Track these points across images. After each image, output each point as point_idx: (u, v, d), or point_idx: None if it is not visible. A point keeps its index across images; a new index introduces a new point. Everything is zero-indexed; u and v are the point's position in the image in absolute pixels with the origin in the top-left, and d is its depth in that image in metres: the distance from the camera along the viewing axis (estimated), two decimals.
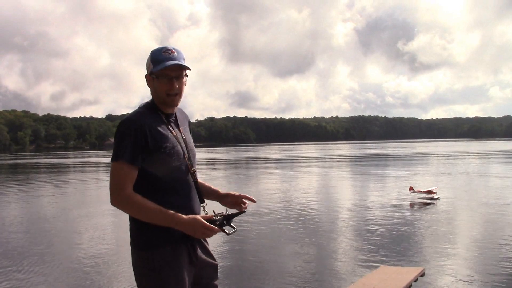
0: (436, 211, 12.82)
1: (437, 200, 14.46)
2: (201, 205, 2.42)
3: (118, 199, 2.22)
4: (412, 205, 13.96)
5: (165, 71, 2.28)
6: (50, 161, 58.20)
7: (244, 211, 2.47)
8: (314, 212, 12.99)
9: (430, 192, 14.95)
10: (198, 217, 2.23)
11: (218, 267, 2.53)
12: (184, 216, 2.21)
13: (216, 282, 2.49)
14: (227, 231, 2.31)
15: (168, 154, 2.27)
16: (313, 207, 13.94)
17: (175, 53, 2.31)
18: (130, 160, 2.21)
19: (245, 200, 2.57)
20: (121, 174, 2.21)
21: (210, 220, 2.26)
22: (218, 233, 2.29)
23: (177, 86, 2.30)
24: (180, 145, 2.35)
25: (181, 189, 2.32)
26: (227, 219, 2.32)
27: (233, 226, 2.35)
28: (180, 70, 2.32)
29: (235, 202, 2.56)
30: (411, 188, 15.43)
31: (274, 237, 10.04)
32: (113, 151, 2.25)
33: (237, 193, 2.57)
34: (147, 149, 2.23)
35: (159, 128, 2.29)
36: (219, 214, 2.33)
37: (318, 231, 10.50)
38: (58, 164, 50.31)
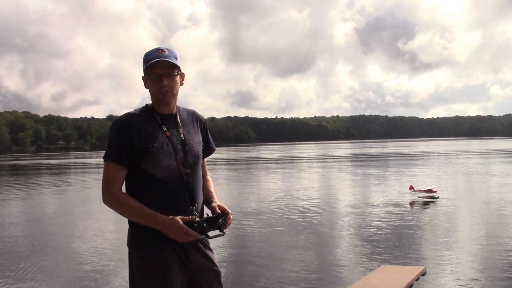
0: (436, 210, 12.82)
1: (437, 199, 14.47)
2: (192, 207, 2.35)
3: (106, 197, 2.29)
4: (412, 204, 13.97)
5: (153, 69, 2.30)
6: (51, 162, 58.26)
7: (226, 214, 2.34)
8: (315, 212, 12.99)
9: (430, 191, 14.95)
10: (177, 218, 2.19)
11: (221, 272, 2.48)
12: (163, 216, 2.20)
13: None
14: (209, 235, 2.27)
15: (156, 153, 2.28)
16: (314, 207, 13.93)
17: (166, 52, 2.33)
18: (116, 160, 2.27)
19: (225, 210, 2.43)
20: (108, 174, 2.29)
21: (190, 222, 2.21)
22: (200, 237, 2.25)
23: (166, 83, 2.31)
24: (173, 146, 2.33)
25: (171, 189, 2.31)
26: (209, 222, 2.27)
27: (222, 230, 2.31)
28: (170, 68, 2.32)
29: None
30: (411, 187, 15.43)
31: (274, 237, 10.04)
32: (105, 152, 2.32)
33: (217, 210, 2.41)
34: (134, 149, 2.27)
35: (148, 128, 2.31)
36: (204, 217, 2.30)
37: (319, 230, 10.50)
38: (59, 165, 50.35)
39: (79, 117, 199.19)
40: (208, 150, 2.61)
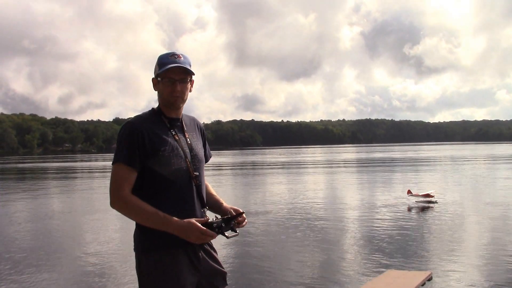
0: (438, 214, 12.74)
1: (435, 204, 14.44)
2: (202, 209, 2.40)
3: (115, 200, 2.26)
4: (410, 209, 13.94)
5: (168, 73, 2.32)
6: (58, 165, 58.52)
7: (243, 212, 2.41)
8: (319, 217, 12.96)
9: (427, 195, 14.91)
10: (193, 220, 2.22)
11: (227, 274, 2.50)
12: (179, 220, 2.21)
13: None
14: (226, 235, 2.29)
15: (167, 157, 2.29)
16: (319, 212, 13.92)
17: (182, 58, 2.36)
18: (127, 163, 2.25)
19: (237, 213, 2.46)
20: (119, 176, 2.26)
21: (207, 223, 2.24)
22: (216, 237, 2.27)
23: (179, 89, 2.33)
24: (182, 149, 2.36)
25: (181, 192, 2.33)
26: (226, 222, 2.29)
27: (235, 230, 2.34)
28: (184, 74, 2.35)
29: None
30: (409, 192, 15.40)
31: (279, 241, 10.03)
32: (114, 154, 2.30)
33: (234, 213, 2.45)
34: (145, 152, 2.27)
35: (159, 132, 2.33)
36: (218, 218, 2.31)
37: (324, 235, 10.47)
38: (65, 168, 50.56)
39: (85, 120, 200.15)
40: (206, 156, 2.63)
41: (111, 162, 2.30)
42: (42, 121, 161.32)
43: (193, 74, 2.40)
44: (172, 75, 2.32)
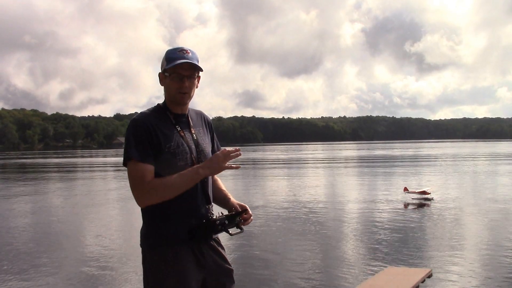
0: (439, 211, 12.76)
1: (431, 201, 14.48)
2: (207, 206, 2.38)
3: (142, 193, 2.22)
4: (406, 206, 13.98)
5: (177, 69, 2.30)
6: (59, 160, 58.53)
7: (245, 210, 2.41)
8: (319, 214, 12.98)
9: (424, 192, 14.96)
10: (214, 155, 2.32)
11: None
12: (201, 164, 2.29)
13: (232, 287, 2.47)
14: (230, 232, 2.30)
15: (172, 153, 2.28)
16: (318, 209, 13.93)
17: (190, 53, 2.34)
18: (141, 159, 2.22)
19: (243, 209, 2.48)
20: (137, 171, 2.22)
21: (210, 221, 2.25)
22: (221, 233, 2.30)
23: (187, 85, 2.32)
24: (188, 146, 2.35)
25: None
26: (229, 219, 2.29)
27: (240, 227, 2.34)
28: (193, 70, 2.34)
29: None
30: (405, 189, 15.45)
31: (279, 239, 10.05)
32: (124, 153, 2.26)
33: (239, 209, 2.47)
34: (153, 147, 2.26)
35: (164, 128, 2.31)
36: (224, 215, 2.31)
37: (324, 232, 10.50)
38: (66, 163, 50.58)
39: (86, 116, 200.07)
40: (214, 151, 2.60)
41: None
42: (43, 117, 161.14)
43: (201, 70, 2.37)
44: (181, 71, 2.30)
